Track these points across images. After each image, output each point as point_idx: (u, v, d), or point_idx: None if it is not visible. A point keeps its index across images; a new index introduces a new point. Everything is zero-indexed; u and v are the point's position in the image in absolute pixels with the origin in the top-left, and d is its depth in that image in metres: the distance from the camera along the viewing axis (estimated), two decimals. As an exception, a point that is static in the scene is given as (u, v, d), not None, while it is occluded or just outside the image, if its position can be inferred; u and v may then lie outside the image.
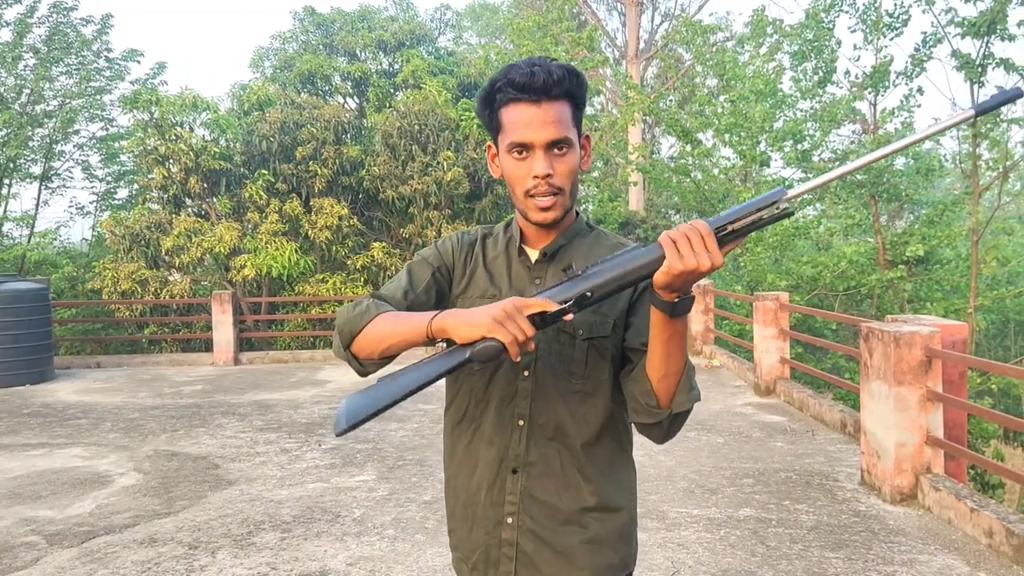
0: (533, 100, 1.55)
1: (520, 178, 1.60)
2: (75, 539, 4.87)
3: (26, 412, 8.98)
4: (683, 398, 1.50)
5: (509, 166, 1.61)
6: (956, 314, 11.86)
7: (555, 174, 1.58)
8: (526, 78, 1.54)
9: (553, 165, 1.57)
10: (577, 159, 1.62)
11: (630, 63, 21.82)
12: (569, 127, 1.58)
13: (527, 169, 1.58)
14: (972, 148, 11.99)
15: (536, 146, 1.56)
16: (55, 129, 17.03)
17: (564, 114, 1.57)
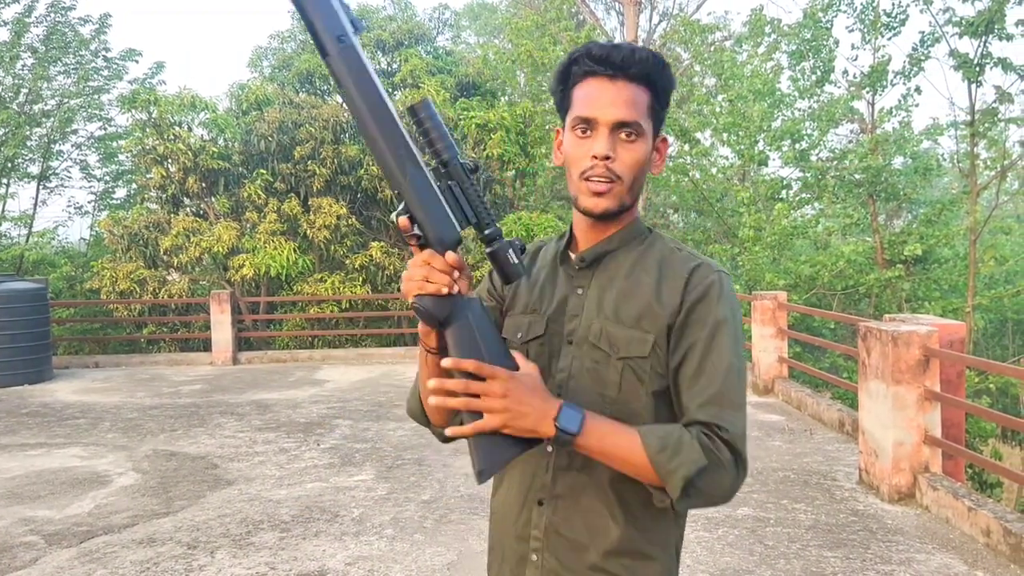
0: (608, 75, 1.42)
1: (578, 158, 1.44)
2: (74, 539, 4.87)
3: (24, 412, 8.97)
4: (670, 483, 1.31)
5: (569, 144, 1.46)
6: (954, 313, 11.88)
7: (616, 159, 1.41)
8: (605, 51, 1.42)
9: (616, 149, 1.42)
10: (646, 152, 1.45)
11: (628, 62, 21.79)
12: (643, 114, 1.43)
13: (587, 148, 1.43)
14: (970, 147, 12.01)
15: (601, 123, 1.41)
16: (53, 129, 17.02)
17: (640, 99, 1.43)
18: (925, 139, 13.99)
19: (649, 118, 1.44)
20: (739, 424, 1.37)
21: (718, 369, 1.38)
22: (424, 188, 1.31)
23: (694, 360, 1.39)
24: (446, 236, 1.31)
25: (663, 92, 1.46)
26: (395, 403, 8.78)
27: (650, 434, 1.32)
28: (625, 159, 1.42)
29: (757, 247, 13.26)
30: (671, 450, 1.30)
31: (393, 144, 1.28)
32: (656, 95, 1.45)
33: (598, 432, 1.32)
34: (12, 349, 10.70)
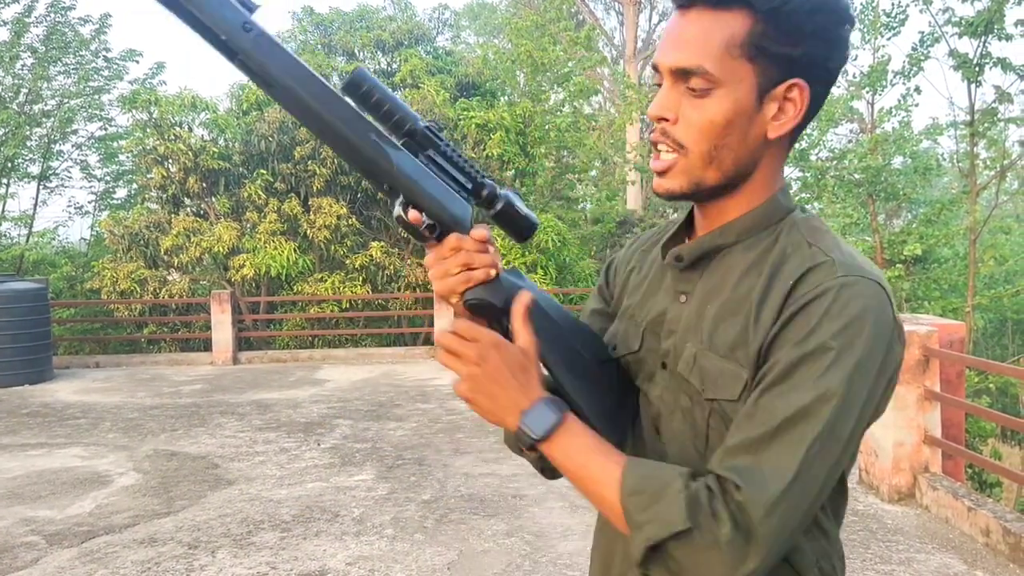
0: (684, 4, 1.05)
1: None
2: (75, 539, 4.88)
3: (25, 412, 8.98)
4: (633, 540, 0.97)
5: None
6: (954, 313, 11.89)
7: (680, 119, 1.04)
8: None
9: (681, 107, 1.04)
10: (733, 109, 1.02)
11: (628, 62, 21.84)
12: (722, 55, 1.01)
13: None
14: (969, 147, 12.02)
15: (663, 71, 1.05)
16: (53, 129, 17.02)
17: (720, 34, 1.01)
18: (925, 139, 14.00)
19: (743, 58, 1.01)
20: (770, 489, 0.92)
21: (779, 408, 0.95)
22: (416, 170, 1.08)
23: (756, 392, 0.98)
24: (461, 213, 1.09)
25: (776, 16, 1.00)
26: (395, 403, 8.78)
27: (636, 468, 1.00)
28: (692, 119, 1.03)
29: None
30: (648, 496, 0.96)
31: (361, 133, 1.06)
32: (764, 22, 1.00)
33: (570, 447, 1.02)
34: (12, 349, 10.70)
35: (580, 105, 17.38)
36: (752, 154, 1.05)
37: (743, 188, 1.07)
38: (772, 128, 1.04)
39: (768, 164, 1.08)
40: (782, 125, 1.05)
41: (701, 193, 1.07)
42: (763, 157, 1.07)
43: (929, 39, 12.18)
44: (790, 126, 1.05)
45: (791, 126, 1.05)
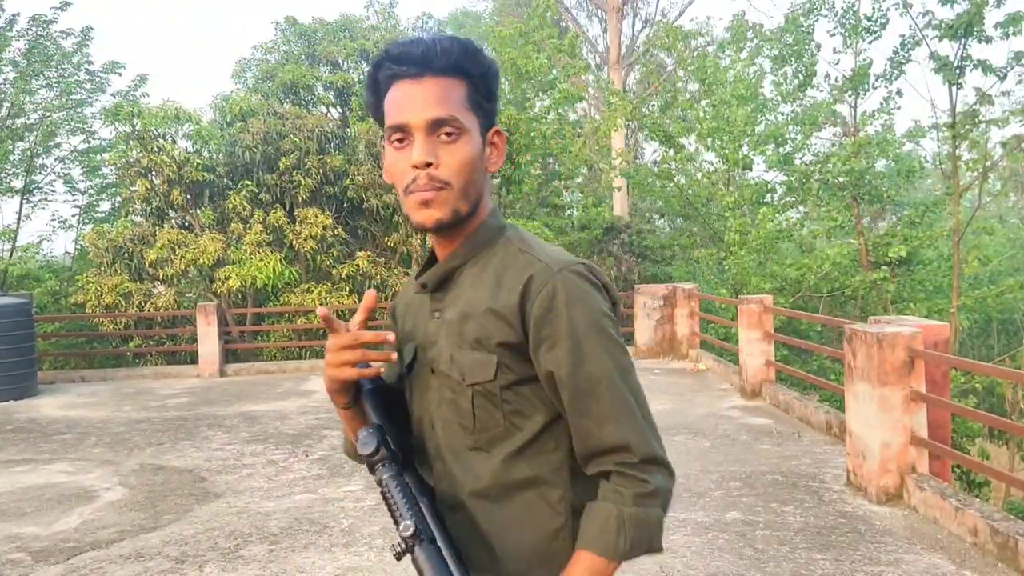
0: (413, 75, 1.28)
1: (400, 172, 1.30)
2: (61, 555, 4.84)
3: (10, 428, 8.91)
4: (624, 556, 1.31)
5: (390, 159, 1.32)
6: (939, 314, 11.95)
7: (439, 163, 1.27)
8: (404, 48, 1.30)
9: (437, 152, 1.27)
10: (474, 151, 1.30)
11: (612, 69, 21.90)
12: (460, 108, 1.29)
13: (406, 160, 1.28)
14: (952, 149, 12.11)
15: (414, 127, 1.27)
16: (36, 142, 16.93)
17: (453, 93, 1.29)
18: (907, 141, 14.11)
19: (470, 111, 1.30)
20: (640, 434, 1.28)
21: (598, 399, 1.26)
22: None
23: (567, 394, 1.27)
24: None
25: (481, 80, 1.32)
26: (384, 413, 8.75)
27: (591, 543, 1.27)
28: (449, 162, 1.27)
29: (743, 251, 13.32)
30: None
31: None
32: (474, 85, 1.31)
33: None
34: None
35: (565, 112, 17.40)
36: (481, 187, 1.34)
37: (475, 215, 1.35)
38: (490, 164, 1.36)
39: (486, 194, 1.37)
40: (495, 162, 1.36)
41: (457, 220, 1.31)
42: (484, 189, 1.36)
43: (910, 42, 12.28)
44: (500, 162, 1.37)
45: (500, 162, 1.37)
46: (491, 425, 1.32)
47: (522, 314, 1.28)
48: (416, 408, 1.42)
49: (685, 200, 16.44)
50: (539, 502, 1.33)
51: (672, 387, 10.04)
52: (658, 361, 12.29)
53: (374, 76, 1.35)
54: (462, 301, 1.34)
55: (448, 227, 1.32)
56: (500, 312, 1.29)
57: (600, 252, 16.52)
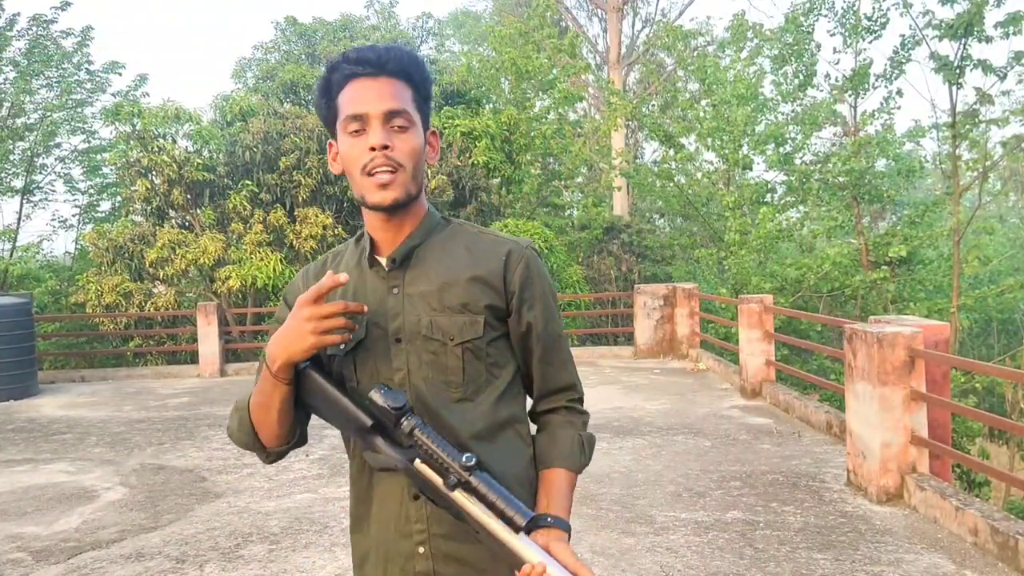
0: (369, 73, 1.49)
1: (356, 156, 1.49)
2: (61, 555, 4.84)
3: (10, 428, 8.91)
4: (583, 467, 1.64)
5: (345, 146, 1.50)
6: (939, 314, 11.95)
7: (394, 148, 1.48)
8: (361, 52, 1.50)
9: (392, 139, 1.48)
10: (420, 141, 1.52)
11: (612, 69, 21.91)
12: (409, 105, 1.51)
13: (364, 143, 1.48)
14: (952, 149, 12.11)
15: (372, 117, 1.48)
16: (36, 142, 16.93)
17: (403, 92, 1.51)
18: (907, 141, 14.11)
19: (415, 110, 1.52)
20: (578, 378, 1.67)
21: (560, 344, 1.62)
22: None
23: (539, 340, 1.59)
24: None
25: (423, 85, 1.54)
26: (384, 412, 8.75)
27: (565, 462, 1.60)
28: (402, 147, 1.48)
29: (743, 251, 13.32)
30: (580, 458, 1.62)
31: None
32: (416, 89, 1.53)
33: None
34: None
35: (565, 112, 17.41)
36: (423, 175, 1.56)
37: (418, 201, 1.55)
38: (429, 159, 1.58)
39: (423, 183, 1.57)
40: (433, 157, 1.60)
41: (408, 201, 1.51)
42: (424, 180, 1.56)
43: (910, 42, 12.28)
44: (436, 159, 1.62)
45: (436, 158, 1.62)
46: (476, 376, 1.53)
47: (504, 281, 1.55)
48: (368, 377, 1.53)
49: (685, 200, 16.45)
50: (516, 438, 1.59)
51: (672, 387, 10.04)
52: (658, 361, 12.29)
53: (327, 79, 1.53)
54: (433, 274, 1.54)
55: (401, 206, 1.51)
56: (485, 279, 1.54)
57: (600, 252, 16.52)
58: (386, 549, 1.55)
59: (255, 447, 1.57)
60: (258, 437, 1.55)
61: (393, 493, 1.53)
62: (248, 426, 1.56)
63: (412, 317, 1.52)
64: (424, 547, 1.51)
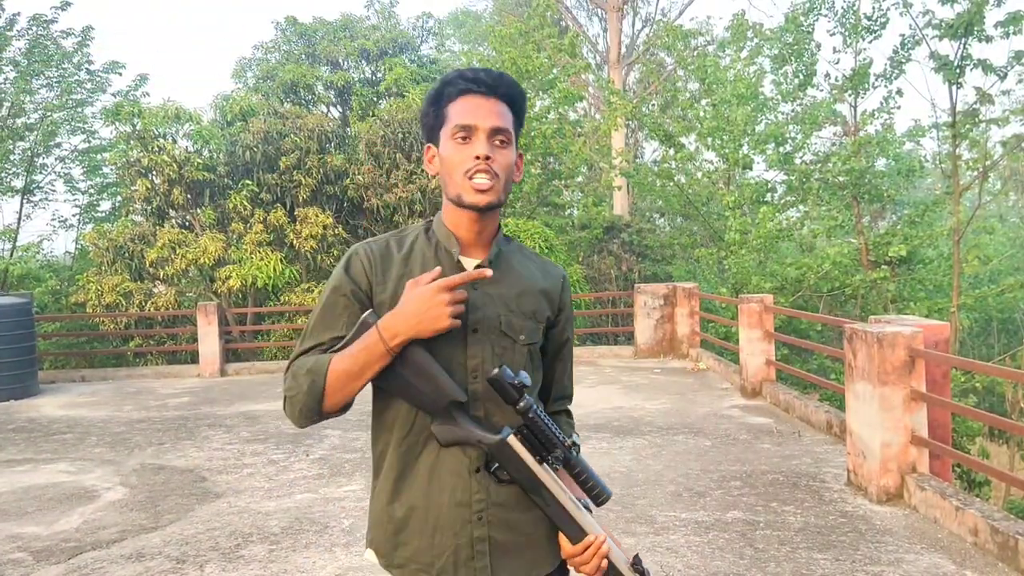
0: (483, 92, 1.68)
1: (460, 161, 1.66)
2: (62, 555, 4.84)
3: (10, 428, 8.91)
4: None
5: (449, 151, 1.67)
6: (939, 313, 11.95)
7: (495, 159, 1.66)
8: (478, 73, 1.69)
9: (493, 151, 1.66)
10: (513, 158, 1.71)
11: (612, 68, 21.90)
12: (511, 125, 1.70)
13: (469, 152, 1.66)
14: (952, 148, 12.10)
15: (480, 129, 1.66)
16: (36, 142, 16.94)
17: (507, 114, 1.70)
18: (907, 141, 14.10)
19: (513, 131, 1.72)
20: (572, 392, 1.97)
21: (571, 361, 1.93)
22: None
23: (567, 358, 1.90)
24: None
25: (520, 113, 1.75)
26: (384, 412, 8.73)
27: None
28: (500, 160, 1.67)
29: (743, 250, 13.32)
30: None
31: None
32: (516, 115, 1.74)
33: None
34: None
35: (565, 111, 17.39)
36: (511, 189, 1.75)
37: (500, 212, 1.76)
38: (515, 176, 1.74)
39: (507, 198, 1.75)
40: (518, 176, 1.76)
41: (497, 206, 1.70)
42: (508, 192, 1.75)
43: (910, 42, 12.27)
44: (520, 176, 1.78)
45: (520, 176, 1.78)
46: (532, 373, 1.73)
47: (560, 299, 1.84)
48: (443, 362, 1.65)
49: (685, 199, 16.44)
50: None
51: (672, 386, 10.04)
52: (658, 360, 12.30)
53: (440, 90, 1.72)
54: (513, 279, 1.76)
55: (491, 209, 1.70)
56: (549, 295, 1.81)
57: (600, 251, 16.51)
58: (436, 517, 1.68)
59: (314, 411, 1.65)
60: (322, 402, 1.63)
61: (451, 467, 1.68)
62: (320, 390, 1.62)
63: (491, 312, 1.70)
64: (483, 515, 1.68)
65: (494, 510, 1.68)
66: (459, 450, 1.67)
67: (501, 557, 1.69)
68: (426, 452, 1.69)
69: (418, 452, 1.70)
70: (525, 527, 1.72)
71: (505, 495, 1.69)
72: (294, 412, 1.66)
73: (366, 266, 1.72)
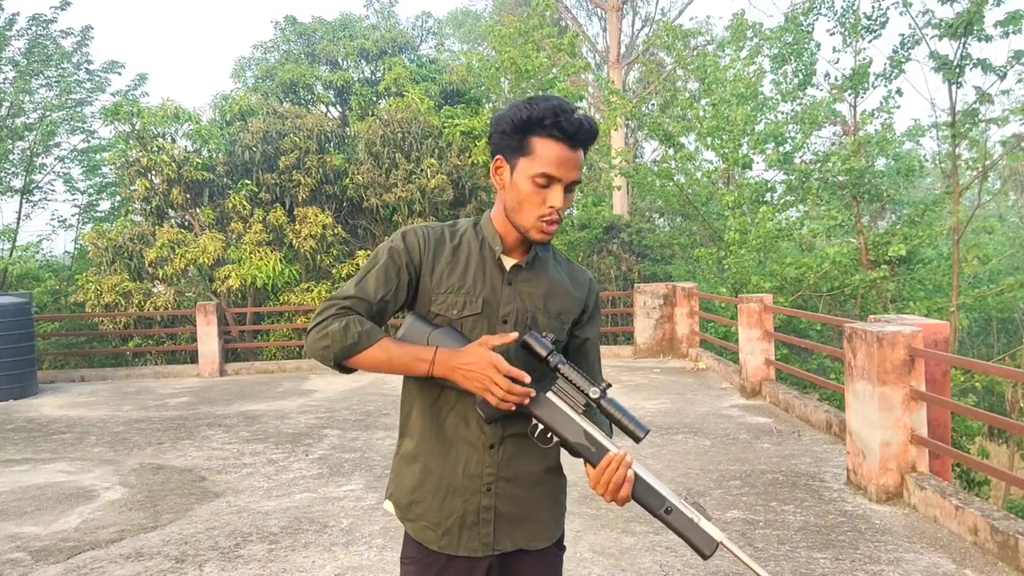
0: (572, 145, 1.80)
1: (537, 204, 1.82)
2: (61, 555, 4.84)
3: (9, 427, 8.91)
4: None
5: (528, 190, 1.81)
6: (939, 313, 11.94)
7: (564, 207, 1.83)
8: (576, 127, 1.79)
9: (565, 200, 1.82)
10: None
11: (612, 68, 21.90)
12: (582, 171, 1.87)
13: (545, 198, 1.81)
14: (951, 148, 12.10)
15: (562, 182, 1.81)
16: (36, 142, 16.94)
17: (582, 161, 1.84)
18: (907, 140, 14.09)
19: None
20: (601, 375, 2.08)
21: (599, 354, 2.08)
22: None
23: (593, 350, 2.04)
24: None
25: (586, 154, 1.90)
26: (384, 412, 8.76)
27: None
28: (567, 206, 1.85)
29: (743, 250, 13.31)
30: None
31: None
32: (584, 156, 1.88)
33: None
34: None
35: (564, 111, 17.35)
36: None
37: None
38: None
39: None
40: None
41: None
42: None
43: (910, 41, 12.26)
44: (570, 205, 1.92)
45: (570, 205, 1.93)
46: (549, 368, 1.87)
47: (586, 302, 2.00)
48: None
49: (685, 199, 16.42)
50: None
51: (672, 386, 10.04)
52: (658, 360, 12.29)
53: (532, 119, 1.78)
54: (544, 281, 1.93)
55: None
56: (576, 297, 1.98)
57: (600, 251, 16.51)
58: (449, 483, 1.87)
59: (337, 357, 1.82)
60: (348, 358, 1.81)
61: (470, 442, 1.87)
62: (354, 352, 1.81)
63: (520, 307, 1.88)
64: (491, 487, 1.87)
65: (502, 484, 1.87)
66: (477, 426, 1.86)
67: (503, 525, 1.88)
68: (448, 423, 1.88)
69: (441, 421, 1.89)
70: (529, 503, 1.91)
71: (514, 471, 1.88)
72: (317, 346, 1.82)
73: (421, 245, 1.91)
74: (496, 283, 1.90)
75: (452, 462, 1.87)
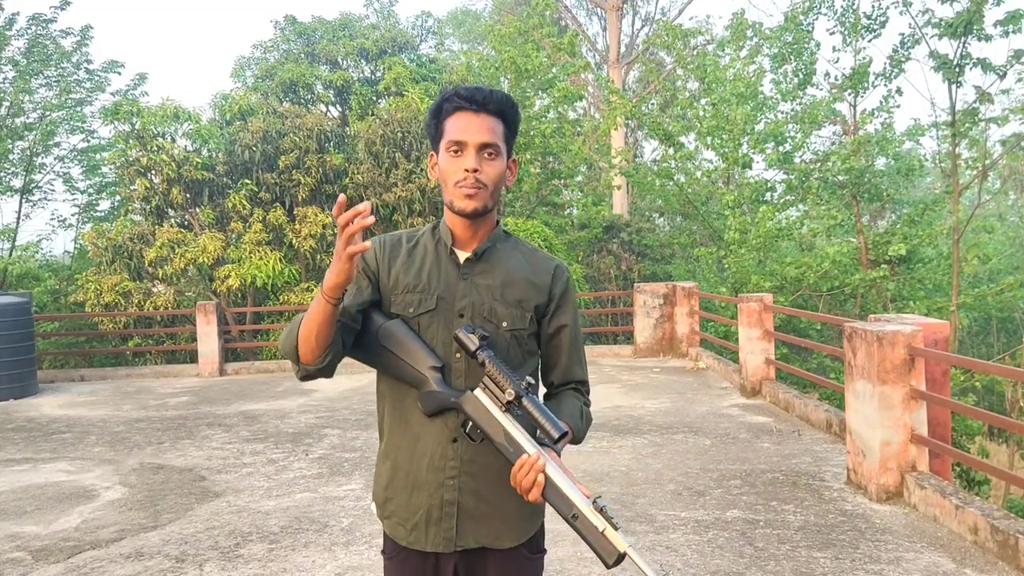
0: (473, 110, 1.87)
1: (452, 172, 1.87)
2: (61, 554, 4.84)
3: (9, 427, 8.90)
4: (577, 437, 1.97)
5: (444, 162, 1.89)
6: (939, 312, 11.94)
7: (482, 171, 1.86)
8: (471, 92, 1.88)
9: (481, 164, 1.86)
10: (503, 168, 1.91)
11: (612, 68, 21.90)
12: (499, 139, 1.89)
13: (459, 164, 1.86)
14: (951, 148, 12.10)
15: (470, 145, 1.85)
16: (35, 142, 16.93)
17: (496, 128, 1.88)
18: (907, 140, 14.09)
19: (503, 142, 1.90)
20: (587, 376, 2.10)
21: (580, 345, 2.06)
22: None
23: (567, 339, 2.02)
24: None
25: (513, 124, 1.94)
26: (383, 412, 8.73)
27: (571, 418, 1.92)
28: (488, 172, 1.87)
29: (743, 249, 13.31)
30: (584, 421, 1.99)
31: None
32: (508, 126, 1.92)
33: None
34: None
35: (565, 111, 17.38)
36: (499, 194, 1.95)
37: (492, 213, 1.95)
38: (508, 181, 1.96)
39: (499, 200, 1.98)
40: (511, 180, 1.98)
41: (484, 212, 1.89)
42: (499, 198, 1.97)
43: (909, 41, 12.26)
44: (513, 181, 2.00)
45: (513, 181, 2.00)
46: (514, 357, 1.92)
47: (550, 289, 1.99)
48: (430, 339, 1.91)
49: (685, 198, 16.42)
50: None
51: (672, 385, 10.04)
52: (658, 359, 12.29)
53: (440, 105, 1.90)
54: (500, 271, 1.95)
55: (479, 215, 1.90)
56: (537, 285, 1.97)
57: (600, 251, 16.51)
58: (415, 478, 1.90)
59: (293, 357, 1.85)
60: (298, 349, 1.82)
61: (434, 436, 1.88)
62: (294, 336, 1.83)
63: (477, 300, 1.91)
64: (454, 481, 1.88)
65: (465, 478, 1.88)
66: (441, 421, 1.88)
67: (466, 520, 1.89)
68: (413, 421, 1.91)
69: (406, 419, 1.92)
70: (493, 499, 1.90)
71: (478, 467, 1.89)
72: (286, 359, 1.89)
73: (376, 251, 1.98)
74: (451, 278, 1.95)
75: (418, 457, 1.90)
